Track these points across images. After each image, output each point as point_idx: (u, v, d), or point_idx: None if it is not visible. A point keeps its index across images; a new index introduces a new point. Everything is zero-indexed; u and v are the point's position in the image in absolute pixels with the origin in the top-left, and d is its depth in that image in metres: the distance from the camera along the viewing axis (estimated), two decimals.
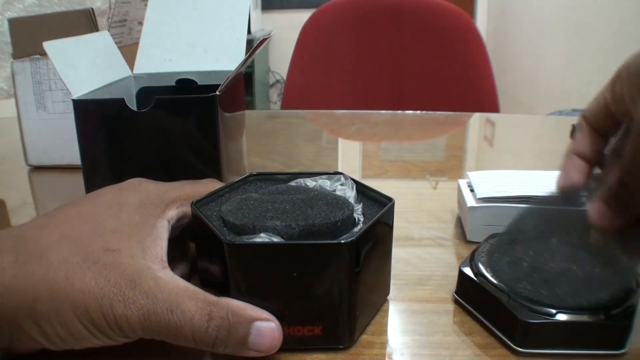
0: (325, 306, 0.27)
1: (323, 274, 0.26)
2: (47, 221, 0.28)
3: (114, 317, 0.24)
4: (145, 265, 0.25)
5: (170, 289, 0.25)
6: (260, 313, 0.25)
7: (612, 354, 0.27)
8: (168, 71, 0.49)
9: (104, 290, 0.24)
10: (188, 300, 0.24)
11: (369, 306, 0.30)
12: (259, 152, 0.67)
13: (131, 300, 0.24)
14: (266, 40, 0.40)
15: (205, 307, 0.24)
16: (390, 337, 0.30)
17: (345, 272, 0.26)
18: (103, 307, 0.24)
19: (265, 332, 0.25)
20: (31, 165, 0.61)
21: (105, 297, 0.24)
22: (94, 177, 0.40)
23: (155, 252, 0.27)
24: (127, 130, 0.39)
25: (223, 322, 0.24)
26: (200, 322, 0.24)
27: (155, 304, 0.24)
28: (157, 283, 0.25)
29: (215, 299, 0.25)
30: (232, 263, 0.26)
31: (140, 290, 0.24)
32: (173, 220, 0.30)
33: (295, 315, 0.27)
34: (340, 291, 0.26)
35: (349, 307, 0.27)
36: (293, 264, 0.26)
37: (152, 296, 0.24)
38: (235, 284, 0.26)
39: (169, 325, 0.24)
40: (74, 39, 0.42)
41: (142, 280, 0.24)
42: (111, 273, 0.24)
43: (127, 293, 0.24)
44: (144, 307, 0.24)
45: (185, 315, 0.24)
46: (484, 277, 0.30)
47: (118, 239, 0.26)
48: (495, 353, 0.28)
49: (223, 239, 0.26)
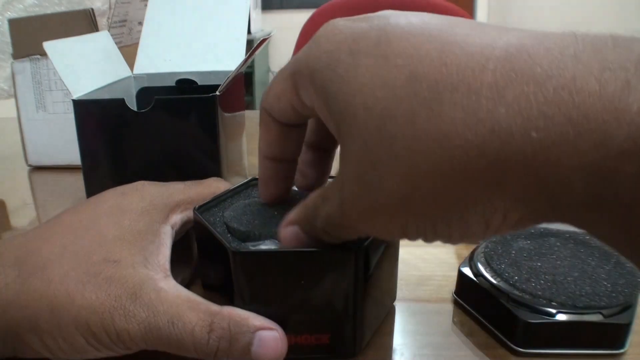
0: (333, 315, 0.26)
1: (331, 283, 0.25)
2: (49, 231, 0.28)
3: (115, 331, 0.24)
4: (146, 275, 0.25)
5: (171, 300, 0.24)
6: (263, 322, 0.25)
7: (612, 353, 0.27)
8: (168, 71, 0.49)
9: (105, 305, 0.24)
10: (189, 311, 0.24)
11: (377, 313, 0.30)
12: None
13: (132, 313, 0.24)
14: (266, 40, 0.40)
15: (206, 318, 0.24)
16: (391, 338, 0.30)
17: (354, 281, 0.25)
18: (104, 321, 0.24)
19: (269, 342, 0.25)
20: (31, 166, 0.61)
21: (106, 311, 0.24)
22: (94, 177, 0.41)
23: (158, 259, 0.27)
24: (127, 130, 0.39)
25: (224, 332, 0.24)
26: (201, 334, 0.24)
27: (156, 317, 0.24)
28: (158, 294, 0.24)
29: (217, 309, 0.25)
30: (237, 271, 0.25)
31: (141, 303, 0.24)
32: (177, 225, 0.30)
33: (301, 324, 0.26)
34: (348, 300, 0.26)
35: (357, 316, 0.26)
36: (300, 273, 0.25)
37: (152, 308, 0.24)
38: (239, 291, 0.26)
39: (170, 338, 0.24)
40: (74, 39, 0.42)
41: (143, 292, 0.24)
42: (112, 287, 0.24)
43: (128, 306, 0.24)
44: (145, 320, 0.24)
45: (187, 327, 0.24)
46: (484, 278, 0.30)
47: (119, 249, 0.26)
48: (495, 353, 0.28)
49: (228, 247, 0.25)
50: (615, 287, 0.29)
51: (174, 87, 0.48)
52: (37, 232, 0.28)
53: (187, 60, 0.49)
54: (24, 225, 0.48)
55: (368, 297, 0.27)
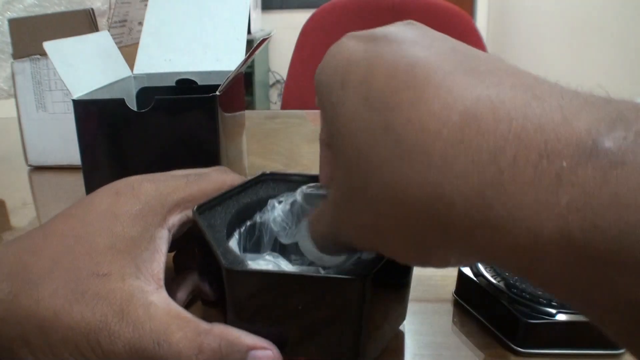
0: (332, 340, 0.25)
1: (330, 310, 0.24)
2: (42, 242, 0.27)
3: (102, 352, 0.23)
4: (137, 288, 0.25)
5: (160, 317, 0.24)
6: (256, 341, 0.24)
7: (612, 353, 0.28)
8: (168, 71, 0.49)
9: (91, 326, 0.23)
10: (177, 330, 0.23)
11: (380, 339, 0.28)
12: (259, 152, 0.67)
13: (117, 334, 0.23)
14: (266, 40, 0.40)
15: (195, 338, 0.23)
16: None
17: (357, 308, 0.23)
18: (90, 342, 0.23)
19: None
20: (31, 165, 0.61)
21: (92, 332, 0.23)
22: (94, 177, 0.40)
23: (152, 268, 0.26)
24: (127, 130, 0.39)
25: (214, 354, 0.23)
26: (188, 355, 0.23)
27: (142, 337, 0.23)
28: (147, 310, 0.24)
29: (208, 327, 0.24)
30: (229, 288, 0.24)
31: (127, 321, 0.24)
32: (175, 228, 0.28)
33: (297, 347, 0.25)
34: (349, 326, 0.24)
35: (358, 341, 0.24)
36: (297, 296, 0.24)
37: (139, 327, 0.23)
38: (232, 309, 0.25)
39: (156, 358, 0.23)
40: (74, 39, 0.42)
41: (131, 307, 0.24)
42: (98, 305, 0.24)
43: (113, 326, 0.23)
44: (130, 340, 0.23)
45: (173, 348, 0.23)
46: (484, 277, 0.30)
47: (110, 259, 0.25)
48: (495, 353, 0.28)
49: (222, 264, 0.24)
50: None
51: (174, 87, 0.48)
52: (30, 242, 0.27)
53: (187, 60, 0.49)
54: (24, 225, 0.48)
55: (371, 325, 0.25)
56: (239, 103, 0.48)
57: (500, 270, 0.30)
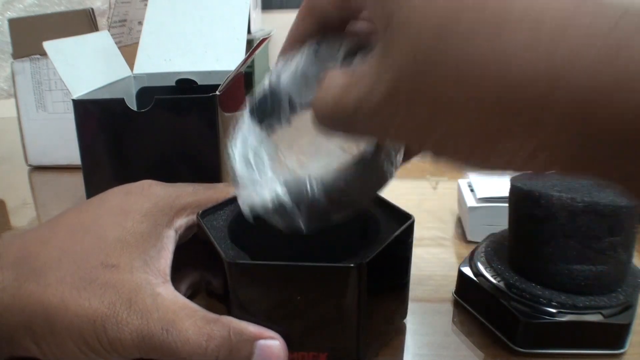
0: (332, 333, 0.25)
1: (329, 299, 0.24)
2: (49, 233, 0.27)
3: (107, 340, 0.23)
4: (144, 279, 0.25)
5: (167, 306, 0.24)
6: (263, 331, 0.24)
7: (612, 354, 0.27)
8: (168, 71, 0.49)
9: (98, 313, 0.23)
10: (185, 318, 0.24)
11: (382, 332, 0.28)
12: None
13: (124, 322, 0.23)
14: (266, 40, 0.40)
15: (204, 326, 0.24)
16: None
17: (355, 298, 0.24)
18: (96, 330, 0.23)
19: (269, 352, 0.24)
20: (31, 165, 0.61)
21: (98, 320, 0.23)
22: (94, 177, 0.41)
23: (159, 264, 0.26)
24: (127, 130, 0.39)
25: (224, 341, 0.24)
26: (197, 342, 0.23)
27: (149, 324, 0.23)
28: (155, 300, 0.24)
29: (215, 317, 0.24)
30: (232, 281, 0.25)
31: (135, 310, 0.24)
32: (181, 229, 0.29)
33: (298, 340, 0.25)
34: (348, 317, 0.24)
35: (357, 334, 0.25)
36: (296, 287, 0.24)
37: (147, 315, 0.24)
38: (235, 302, 0.25)
39: (164, 346, 0.23)
40: (74, 39, 0.42)
41: (139, 297, 0.24)
42: (106, 293, 0.24)
43: (121, 314, 0.23)
44: (138, 328, 0.23)
45: (182, 335, 0.23)
46: (484, 277, 0.30)
47: (119, 252, 0.26)
48: (495, 353, 0.28)
49: (224, 257, 0.25)
50: (615, 287, 0.29)
51: (174, 87, 0.48)
52: (37, 233, 0.28)
53: (187, 60, 0.49)
54: (24, 225, 0.48)
55: (371, 315, 0.25)
56: (239, 103, 0.47)
57: (501, 270, 0.30)
